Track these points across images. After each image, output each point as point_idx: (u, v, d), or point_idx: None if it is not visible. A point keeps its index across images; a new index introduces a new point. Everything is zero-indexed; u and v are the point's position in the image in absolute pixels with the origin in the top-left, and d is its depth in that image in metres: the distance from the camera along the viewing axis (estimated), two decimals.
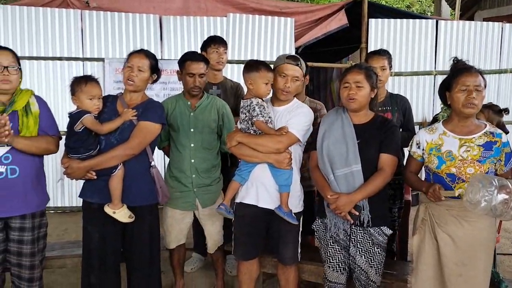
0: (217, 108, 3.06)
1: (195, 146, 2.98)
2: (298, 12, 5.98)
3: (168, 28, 5.53)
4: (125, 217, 2.58)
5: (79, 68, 5.42)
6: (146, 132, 2.61)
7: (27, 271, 2.57)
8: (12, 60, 2.45)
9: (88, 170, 2.53)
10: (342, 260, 2.57)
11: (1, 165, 2.41)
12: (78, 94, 2.54)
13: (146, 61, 2.65)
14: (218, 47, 3.49)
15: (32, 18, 5.26)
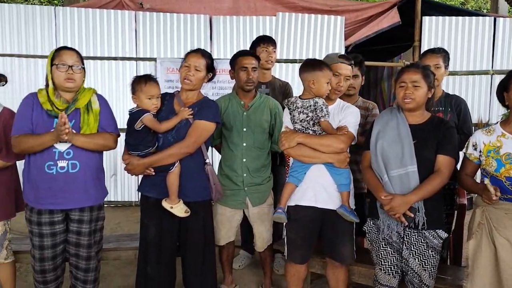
0: (270, 108, 3.06)
1: (247, 145, 3.00)
2: (349, 10, 5.89)
3: (218, 28, 5.60)
4: (181, 212, 2.64)
5: (133, 68, 5.60)
6: (201, 130, 2.66)
7: (83, 262, 2.68)
8: (77, 60, 2.53)
9: (147, 167, 2.63)
10: (394, 263, 2.51)
11: (63, 160, 2.50)
12: (138, 93, 2.62)
13: (202, 60, 2.71)
14: (267, 46, 3.50)
15: (90, 19, 5.49)
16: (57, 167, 2.50)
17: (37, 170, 2.52)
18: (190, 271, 2.82)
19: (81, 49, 5.32)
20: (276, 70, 5.24)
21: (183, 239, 2.78)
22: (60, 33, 5.47)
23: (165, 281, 2.77)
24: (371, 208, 2.62)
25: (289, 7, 5.83)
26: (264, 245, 3.17)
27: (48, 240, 2.58)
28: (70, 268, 2.73)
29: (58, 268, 2.70)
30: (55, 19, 5.44)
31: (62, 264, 2.73)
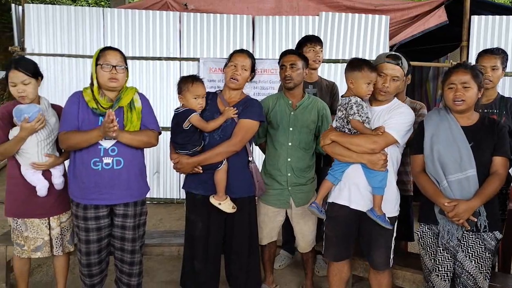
0: (318, 109, 3.04)
1: (292, 145, 3.00)
2: (394, 10, 5.77)
3: (261, 28, 5.62)
4: (229, 208, 2.70)
5: (176, 68, 5.70)
6: (247, 129, 2.71)
7: (128, 255, 2.75)
8: (120, 60, 2.61)
9: (196, 165, 2.69)
10: (450, 268, 2.44)
11: (108, 157, 2.59)
12: (184, 93, 2.69)
13: (248, 60, 2.76)
14: (314, 45, 3.48)
15: (136, 20, 5.62)
16: (102, 164, 2.59)
17: (83, 166, 2.61)
18: (235, 266, 2.86)
19: (127, 49, 5.53)
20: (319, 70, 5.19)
21: (229, 235, 2.83)
22: (107, 33, 5.63)
23: (212, 275, 2.82)
24: (424, 212, 2.55)
25: (332, 7, 5.78)
26: (307, 246, 3.16)
27: (93, 234, 2.68)
28: (115, 261, 2.81)
29: (103, 262, 2.79)
30: (103, 20, 5.61)
31: (107, 257, 2.83)
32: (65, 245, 2.94)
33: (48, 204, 2.82)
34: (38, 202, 2.79)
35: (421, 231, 2.56)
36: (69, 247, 2.96)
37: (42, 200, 2.79)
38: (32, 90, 2.69)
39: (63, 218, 2.91)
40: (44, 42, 5.59)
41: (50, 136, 2.75)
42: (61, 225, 2.90)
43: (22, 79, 2.66)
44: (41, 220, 2.84)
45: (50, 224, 2.87)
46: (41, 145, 2.72)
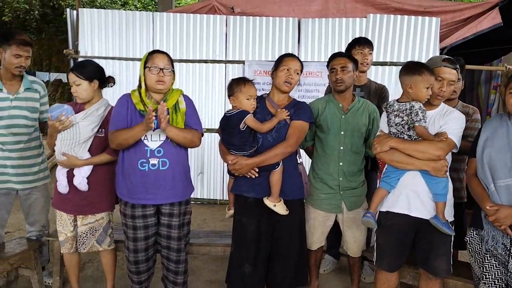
0: (369, 112, 3.01)
1: (344, 149, 2.97)
2: (445, 11, 5.61)
3: (306, 30, 5.60)
4: (283, 210, 2.71)
5: (222, 70, 5.77)
6: (301, 130, 2.74)
7: (174, 254, 2.81)
8: (167, 63, 2.66)
9: (254, 167, 2.69)
10: (499, 276, 2.33)
11: (154, 158, 2.65)
12: (237, 94, 2.71)
13: (300, 64, 2.79)
14: (363, 48, 3.44)
15: (184, 23, 5.74)
16: (149, 164, 2.65)
17: (130, 166, 2.68)
18: (282, 269, 2.82)
19: (174, 52, 5.65)
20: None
21: (278, 238, 2.80)
22: (156, 37, 5.77)
23: (260, 278, 2.82)
24: (474, 217, 2.47)
25: (380, 8, 5.68)
26: (358, 251, 3.11)
27: (141, 232, 2.75)
28: (162, 259, 2.87)
29: (150, 260, 2.86)
30: (153, 24, 5.76)
31: (154, 255, 2.89)
32: (93, 244, 3.00)
33: (74, 202, 2.91)
34: (66, 197, 2.91)
35: (469, 236, 2.47)
36: (97, 246, 3.02)
37: (68, 197, 2.91)
38: (82, 91, 2.82)
39: (91, 219, 2.97)
40: (97, 45, 5.80)
41: (75, 138, 2.82)
42: (89, 225, 2.97)
43: (73, 80, 2.80)
44: (68, 215, 2.96)
45: (76, 222, 2.98)
46: (63, 143, 2.82)
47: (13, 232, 4.56)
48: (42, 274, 3.38)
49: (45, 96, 3.45)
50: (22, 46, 3.13)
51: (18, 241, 3.34)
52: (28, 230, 3.45)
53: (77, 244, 3.00)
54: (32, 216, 3.38)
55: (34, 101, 3.30)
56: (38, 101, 3.34)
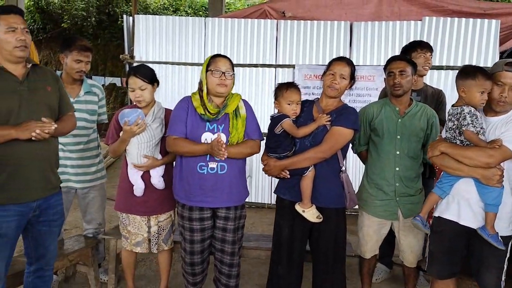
0: (427, 117, 2.91)
1: (400, 153, 2.89)
2: (505, 14, 5.36)
3: (359, 34, 5.51)
4: (313, 217, 2.66)
5: (271, 75, 5.78)
6: (338, 136, 2.66)
7: (228, 257, 2.82)
8: (229, 67, 2.69)
9: (283, 169, 2.70)
10: None
11: (213, 162, 2.67)
12: (279, 99, 2.74)
13: (347, 68, 2.71)
14: (425, 51, 3.35)
15: (235, 28, 5.81)
16: (207, 168, 2.66)
17: (189, 169, 2.71)
18: (319, 276, 2.81)
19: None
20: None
21: (314, 244, 2.79)
22: (208, 41, 5.87)
23: (294, 281, 2.81)
24: None
25: (436, 11, 5.51)
26: (414, 261, 3.01)
27: (198, 235, 2.77)
28: (215, 262, 2.89)
29: (204, 262, 2.89)
30: (205, 29, 5.86)
31: (208, 257, 2.91)
32: (159, 244, 3.08)
33: (148, 204, 2.99)
34: (139, 200, 2.98)
35: None
36: (163, 245, 3.09)
37: (142, 199, 2.97)
38: (148, 95, 2.88)
39: (161, 218, 3.06)
40: (151, 50, 5.98)
41: (151, 140, 2.90)
42: (159, 224, 3.06)
43: (139, 84, 2.85)
44: (142, 217, 3.02)
45: (150, 222, 3.05)
46: (142, 147, 2.88)
47: (70, 229, 4.75)
48: (98, 271, 3.50)
49: (103, 99, 3.58)
50: (83, 52, 3.26)
51: (77, 239, 3.49)
52: (85, 228, 3.58)
53: (150, 245, 3.08)
54: (89, 215, 3.51)
55: (93, 104, 3.43)
56: (97, 104, 3.47)
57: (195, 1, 13.44)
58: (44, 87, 2.51)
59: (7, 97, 2.34)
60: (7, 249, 2.43)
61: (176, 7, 13.23)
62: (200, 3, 13.28)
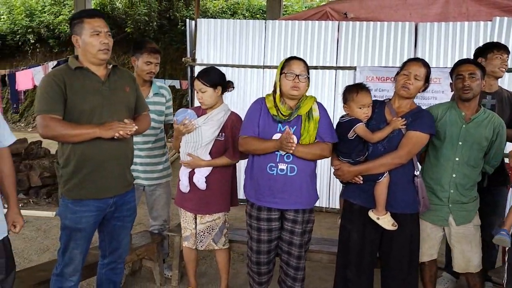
0: (494, 126, 2.77)
1: (459, 160, 2.76)
2: None
3: (424, 35, 5.34)
4: (388, 225, 2.60)
5: (332, 76, 5.72)
6: (415, 141, 2.59)
7: (294, 260, 2.80)
8: (303, 69, 2.66)
9: (357, 175, 2.65)
10: None
11: (283, 163, 2.66)
12: (349, 102, 2.68)
13: (423, 69, 2.63)
14: (502, 53, 3.19)
15: (295, 30, 5.80)
16: (277, 169, 2.66)
17: (259, 169, 2.73)
18: (392, 283, 2.74)
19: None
20: None
21: (386, 251, 2.72)
22: (268, 44, 5.90)
23: (365, 287, 2.75)
24: None
25: (508, 11, 5.22)
26: (468, 268, 2.86)
27: (264, 235, 2.79)
28: (281, 263, 2.88)
29: (270, 262, 2.89)
30: (265, 32, 5.90)
31: (274, 258, 2.92)
32: (209, 243, 3.11)
33: (193, 202, 3.06)
34: (187, 197, 3.08)
35: None
36: (213, 245, 3.12)
37: (189, 196, 3.07)
38: (207, 98, 2.96)
39: (208, 219, 3.08)
40: (212, 53, 6.09)
41: (198, 141, 2.96)
42: (206, 224, 3.09)
43: (200, 87, 2.95)
44: (190, 213, 3.12)
45: (196, 220, 3.11)
46: (188, 146, 2.98)
47: (135, 225, 4.92)
48: (163, 267, 3.61)
49: (170, 101, 3.70)
50: (153, 54, 3.39)
51: (143, 234, 3.62)
52: (151, 224, 3.71)
53: (196, 241, 3.15)
54: (155, 211, 3.63)
55: (161, 105, 3.55)
56: (164, 105, 3.59)
57: (252, 4, 13.58)
58: (123, 87, 2.62)
59: (92, 96, 2.47)
60: (85, 243, 2.56)
61: (234, 10, 13.44)
62: (257, 6, 13.39)
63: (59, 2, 14.40)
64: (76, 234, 2.48)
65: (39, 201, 6.02)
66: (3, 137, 2.23)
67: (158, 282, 3.51)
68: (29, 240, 4.53)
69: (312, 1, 14.34)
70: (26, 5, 14.05)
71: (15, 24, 14.64)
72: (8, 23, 14.73)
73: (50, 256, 3.82)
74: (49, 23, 13.59)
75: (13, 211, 2.31)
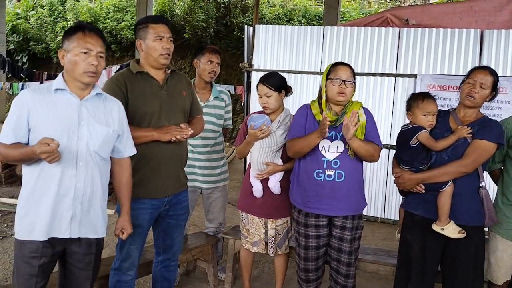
0: None
1: None
2: None
3: (490, 42, 5.11)
4: (454, 233, 2.50)
5: (391, 84, 5.58)
6: (482, 150, 2.49)
7: (344, 267, 2.78)
8: (350, 75, 2.66)
9: (419, 183, 2.59)
10: None
11: (330, 169, 2.67)
12: (413, 109, 2.65)
13: (489, 78, 2.54)
14: None
15: (354, 36, 5.72)
16: (324, 175, 2.67)
17: (306, 175, 2.73)
18: None
19: None
20: None
21: (450, 264, 2.61)
22: (326, 50, 5.87)
23: None
24: None
25: None
26: None
27: (312, 241, 2.78)
28: (331, 271, 2.86)
29: (319, 269, 2.88)
30: (323, 38, 5.87)
31: (323, 265, 2.90)
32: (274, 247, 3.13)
33: (266, 206, 3.06)
34: (258, 202, 3.08)
35: None
36: (277, 249, 3.13)
37: (261, 202, 3.06)
38: (273, 101, 2.97)
39: (278, 222, 3.11)
40: (269, 59, 6.14)
41: (273, 146, 2.97)
42: (277, 228, 3.11)
43: (265, 91, 2.96)
44: (260, 219, 3.11)
45: (267, 225, 3.10)
46: (263, 151, 2.98)
47: (189, 227, 5.02)
48: (217, 268, 3.66)
49: (229, 105, 3.76)
50: (214, 53, 3.48)
51: (199, 235, 3.69)
52: (207, 226, 3.77)
53: (267, 247, 3.15)
54: (211, 214, 3.69)
55: (220, 109, 3.61)
56: (224, 109, 3.65)
57: (309, 11, 13.55)
58: (180, 91, 2.71)
59: (151, 100, 2.57)
60: (141, 239, 2.66)
61: (290, 16, 13.45)
62: (314, 13, 13.35)
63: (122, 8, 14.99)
64: (133, 231, 2.59)
65: None
66: (125, 148, 2.35)
67: (211, 283, 3.56)
68: None
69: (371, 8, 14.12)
70: (91, 12, 14.71)
71: None
72: None
73: (109, 252, 3.97)
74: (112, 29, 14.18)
75: (124, 219, 2.42)
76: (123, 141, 2.32)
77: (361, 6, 14.38)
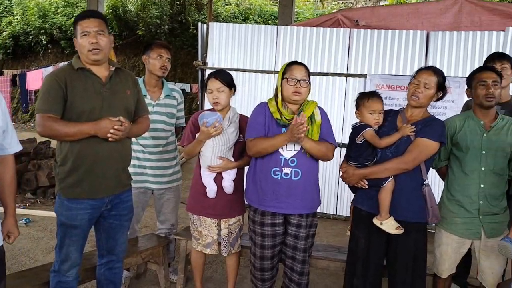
0: None
1: (485, 170, 2.73)
2: None
3: (435, 44, 5.32)
4: (392, 228, 2.58)
5: (342, 84, 5.70)
6: (423, 148, 2.57)
7: (299, 265, 2.80)
8: (305, 75, 2.69)
9: (361, 178, 2.66)
10: None
11: (287, 167, 2.68)
12: (361, 108, 2.72)
13: (433, 78, 2.62)
14: (507, 62, 3.16)
15: (307, 37, 5.80)
16: (281, 173, 2.68)
17: (262, 174, 2.73)
18: None
19: None
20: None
21: (392, 259, 2.70)
22: (279, 50, 5.91)
23: None
24: None
25: None
26: (495, 283, 2.83)
27: (268, 240, 2.78)
28: (285, 269, 2.88)
29: (274, 268, 2.89)
30: (277, 37, 5.90)
31: (277, 264, 2.91)
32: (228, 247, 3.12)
33: (219, 206, 3.03)
34: (210, 203, 3.03)
35: None
36: (230, 249, 3.12)
37: (214, 202, 3.02)
38: (224, 97, 2.94)
39: (231, 221, 3.09)
40: (223, 57, 6.11)
41: (226, 144, 2.94)
42: (229, 227, 3.09)
43: (217, 86, 2.92)
44: (212, 220, 3.07)
45: (220, 225, 3.09)
46: (216, 150, 2.93)
47: (140, 228, 4.92)
48: (168, 270, 3.60)
49: (182, 103, 3.69)
50: (163, 48, 3.41)
51: (149, 237, 3.61)
52: (158, 228, 3.70)
53: (219, 248, 3.12)
54: (163, 215, 3.62)
55: (172, 107, 3.54)
56: (175, 108, 3.58)
57: (264, 10, 13.61)
58: (124, 90, 2.62)
59: (92, 97, 2.47)
60: (80, 239, 2.57)
61: (246, 15, 13.48)
62: (269, 12, 13.43)
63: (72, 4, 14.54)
64: (71, 231, 2.49)
65: (46, 201, 6.04)
66: (9, 145, 2.21)
67: (163, 285, 3.49)
68: (35, 240, 4.55)
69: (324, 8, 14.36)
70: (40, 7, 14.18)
71: (28, 25, 14.78)
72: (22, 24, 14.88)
73: None
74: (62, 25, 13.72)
75: (9, 222, 2.26)
76: (8, 137, 2.19)
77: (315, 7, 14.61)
